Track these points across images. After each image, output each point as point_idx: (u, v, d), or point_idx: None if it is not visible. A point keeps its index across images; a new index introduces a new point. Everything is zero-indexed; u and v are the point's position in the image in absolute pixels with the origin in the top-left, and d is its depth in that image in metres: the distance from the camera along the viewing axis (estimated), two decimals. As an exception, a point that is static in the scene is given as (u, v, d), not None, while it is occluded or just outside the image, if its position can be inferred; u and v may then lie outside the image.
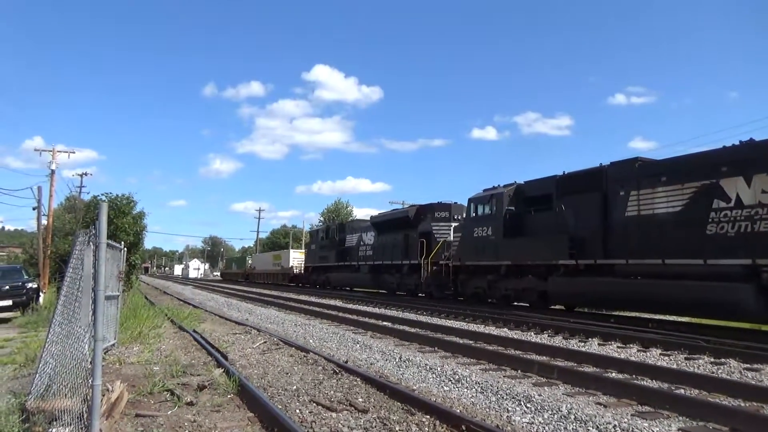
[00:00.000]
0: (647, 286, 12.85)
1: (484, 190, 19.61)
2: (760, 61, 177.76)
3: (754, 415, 5.26)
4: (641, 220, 13.32)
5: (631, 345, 10.31)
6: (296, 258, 46.24)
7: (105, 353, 8.05)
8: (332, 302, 23.02)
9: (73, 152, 31.78)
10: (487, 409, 5.78)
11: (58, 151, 30.16)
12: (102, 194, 26.30)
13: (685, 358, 8.92)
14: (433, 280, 22.68)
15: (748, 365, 8.17)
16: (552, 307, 16.93)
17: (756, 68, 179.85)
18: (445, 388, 6.91)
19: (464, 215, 22.75)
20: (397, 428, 4.87)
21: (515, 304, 18.19)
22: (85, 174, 39.62)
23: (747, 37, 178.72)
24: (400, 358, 8.95)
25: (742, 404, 5.94)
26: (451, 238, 21.75)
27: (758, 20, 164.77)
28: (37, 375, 5.55)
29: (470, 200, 20.02)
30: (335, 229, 35.80)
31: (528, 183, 18.05)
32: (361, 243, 30.98)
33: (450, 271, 20.77)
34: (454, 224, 22.79)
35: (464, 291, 20.60)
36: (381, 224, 28.82)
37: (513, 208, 18.05)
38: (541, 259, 16.23)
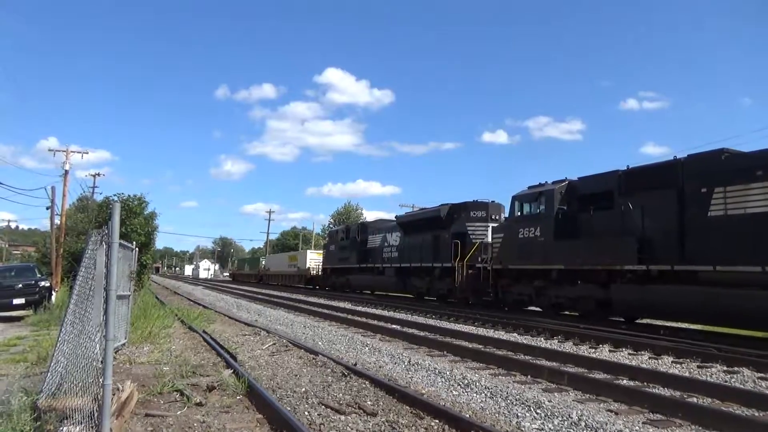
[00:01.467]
0: (742, 297, 11.13)
1: (529, 188, 18.08)
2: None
3: (768, 425, 5.19)
4: (730, 221, 11.64)
5: (643, 352, 10.21)
6: (314, 259, 44.39)
7: (116, 353, 8.09)
8: (341, 304, 23.02)
9: (87, 153, 32.09)
10: (497, 415, 5.75)
11: (72, 152, 30.51)
12: (114, 195, 26.56)
13: (698, 366, 8.82)
14: (468, 285, 20.79)
15: (762, 374, 8.07)
16: (612, 318, 15.16)
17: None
18: (454, 392, 6.87)
19: (499, 215, 22.04)
20: (405, 432, 4.85)
21: (565, 313, 16.55)
22: (98, 174, 40.04)
23: (761, 43, 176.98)
24: (409, 361, 8.93)
25: (756, 414, 5.85)
26: (489, 240, 20.38)
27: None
28: (49, 373, 5.59)
29: (515, 198, 18.39)
30: (357, 229, 33.71)
31: (582, 179, 16.43)
32: (386, 244, 29.15)
33: (489, 275, 19.00)
34: (491, 224, 21.30)
35: (506, 298, 18.76)
36: (408, 224, 26.95)
37: (564, 206, 16.45)
38: (602, 263, 14.45)
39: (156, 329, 11.60)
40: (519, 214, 18.11)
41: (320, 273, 40.37)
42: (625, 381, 7.50)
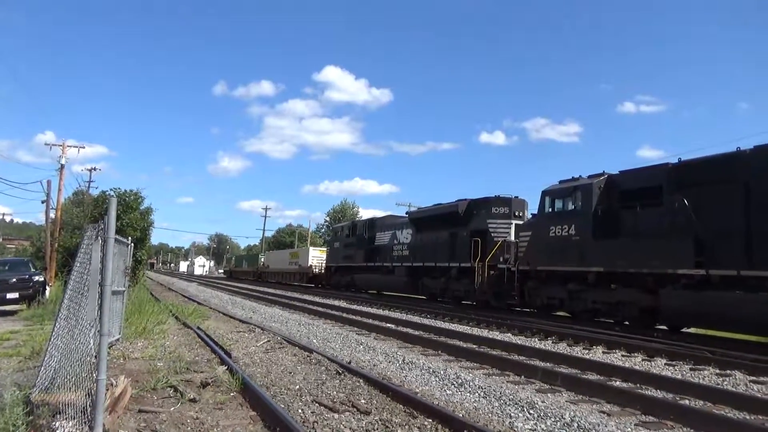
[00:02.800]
0: None
1: (561, 182, 16.70)
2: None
3: (759, 429, 5.22)
4: None
5: (636, 354, 10.25)
6: (316, 256, 42.80)
7: (110, 348, 8.08)
8: (336, 303, 23.02)
9: (83, 147, 31.90)
10: (490, 414, 5.76)
11: (68, 146, 30.37)
12: (110, 189, 26.46)
13: (690, 369, 8.86)
14: (489, 287, 19.39)
15: (754, 378, 8.12)
16: (659, 326, 13.87)
17: (767, 81, 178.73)
18: (448, 391, 6.89)
19: (523, 212, 20.71)
20: (398, 431, 4.86)
21: (600, 320, 15.10)
22: (95, 169, 39.88)
23: (758, 48, 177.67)
24: (403, 360, 8.94)
25: (748, 417, 5.89)
26: (512, 238, 19.37)
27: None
28: (42, 368, 5.58)
29: (545, 193, 16.90)
30: (364, 225, 31.78)
31: (624, 173, 15.03)
32: (395, 242, 27.37)
33: (515, 277, 17.62)
34: (515, 222, 20.17)
35: (533, 301, 17.27)
36: (421, 220, 25.21)
37: (603, 203, 15.04)
38: (650, 266, 13.06)
39: (150, 325, 11.59)
40: (550, 210, 16.61)
41: (323, 271, 39.18)
42: (618, 382, 7.53)
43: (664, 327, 13.77)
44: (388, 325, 14.28)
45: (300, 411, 5.47)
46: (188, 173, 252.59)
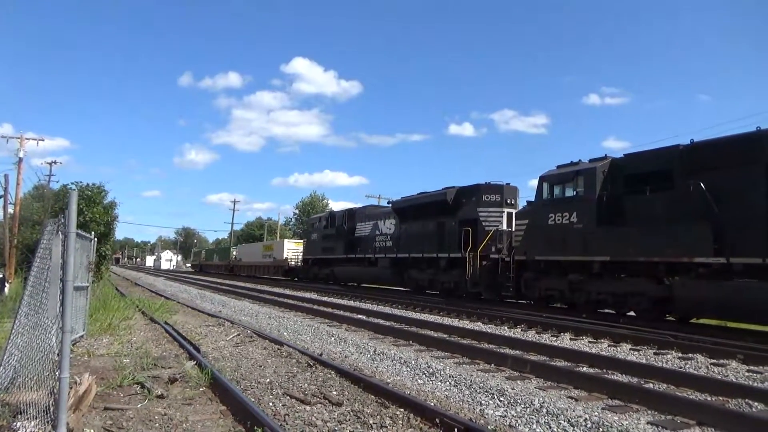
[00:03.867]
0: None
1: (559, 167, 15.88)
2: (730, 67, 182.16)
3: (719, 409, 5.39)
4: None
5: (603, 340, 10.49)
6: (291, 249, 41.78)
7: (73, 345, 7.88)
8: (307, 295, 22.92)
9: (42, 140, 31.07)
10: (461, 403, 5.82)
11: (27, 139, 29.43)
12: (72, 183, 25.74)
13: (654, 353, 9.11)
14: (482, 279, 18.62)
15: (715, 360, 8.40)
16: (669, 317, 13.16)
17: (726, 73, 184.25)
18: (419, 381, 6.93)
19: (515, 200, 19.96)
20: (371, 421, 4.87)
21: (604, 311, 14.43)
22: (55, 162, 38.75)
23: (718, 42, 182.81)
24: (375, 351, 8.96)
25: (709, 398, 6.08)
26: (504, 227, 18.68)
27: (729, 27, 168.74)
28: (1, 367, 5.39)
29: (543, 178, 16.00)
30: (343, 216, 30.45)
31: (630, 156, 14.18)
32: (378, 232, 26.37)
33: (510, 267, 16.81)
34: (507, 209, 19.42)
35: (530, 293, 16.52)
36: (406, 210, 24.29)
37: (607, 188, 14.22)
38: (662, 255, 12.29)
39: (116, 321, 11.34)
40: (548, 197, 15.74)
41: (299, 264, 38.16)
42: (585, 368, 7.69)
43: (672, 318, 13.20)
44: (360, 316, 14.29)
45: (271, 404, 5.43)
46: (154, 166, 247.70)
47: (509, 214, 19.22)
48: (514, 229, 17.69)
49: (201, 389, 6.02)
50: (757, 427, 4.84)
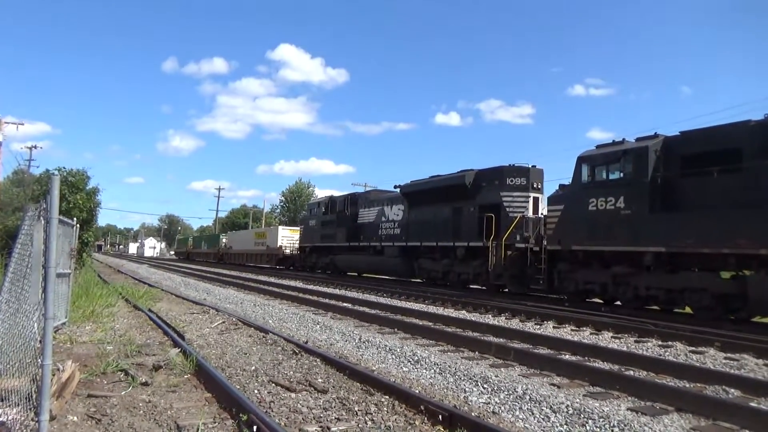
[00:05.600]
0: None
1: (599, 146, 14.38)
2: (712, 59, 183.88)
3: (697, 396, 5.51)
4: None
5: (585, 328, 10.63)
6: (286, 236, 39.80)
7: (55, 332, 7.81)
8: (293, 283, 22.89)
9: (22, 124, 30.57)
10: (445, 390, 5.87)
11: (6, 123, 28.87)
12: (54, 169, 25.33)
13: (635, 341, 9.26)
14: (506, 270, 17.04)
15: (693, 348, 8.56)
16: (736, 315, 11.59)
17: (707, 65, 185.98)
18: (404, 368, 6.98)
19: (541, 183, 18.42)
20: (356, 408, 4.89)
21: (650, 308, 13.15)
22: (35, 147, 38.13)
23: (701, 34, 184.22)
24: (360, 338, 8.99)
25: (687, 385, 6.21)
26: (530, 213, 17.28)
27: (711, 20, 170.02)
28: (-18, 354, 5.33)
29: (582, 159, 14.41)
30: (344, 201, 28.50)
31: (687, 134, 12.56)
32: (384, 219, 24.52)
33: (540, 258, 15.37)
34: (533, 194, 17.96)
35: (564, 286, 14.89)
36: (416, 195, 22.35)
37: (660, 170, 12.71)
38: (733, 246, 10.79)
39: (99, 308, 11.25)
40: (589, 179, 14.17)
41: (295, 252, 36.40)
42: (567, 356, 7.80)
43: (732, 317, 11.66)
44: (345, 304, 14.31)
45: (256, 391, 5.43)
46: (137, 152, 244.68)
47: (535, 199, 17.86)
48: (546, 215, 16.05)
49: (186, 377, 6.00)
50: (734, 413, 4.95)
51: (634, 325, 10.37)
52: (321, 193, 73.97)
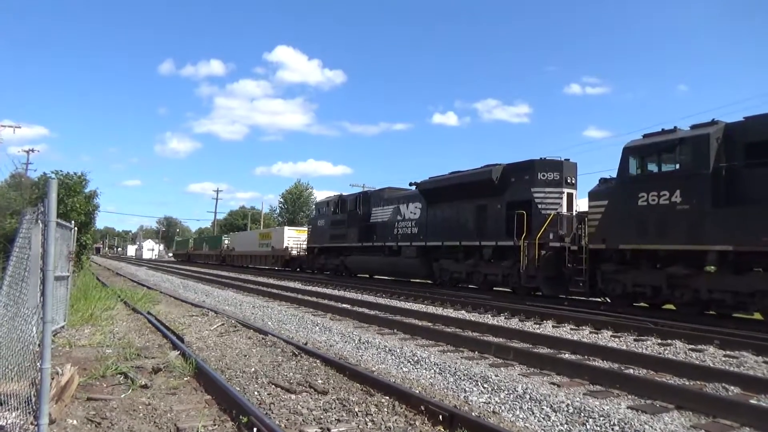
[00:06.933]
0: None
1: (646, 136, 13.16)
2: (708, 58, 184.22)
3: (697, 393, 5.51)
4: None
5: (584, 327, 10.63)
6: (293, 237, 38.26)
7: (54, 336, 7.79)
8: (291, 284, 22.87)
9: (19, 127, 30.57)
10: (445, 390, 5.87)
11: (3, 126, 28.84)
12: (52, 172, 25.27)
13: (635, 340, 9.26)
14: (540, 271, 15.87)
15: (693, 346, 8.57)
16: None
17: (703, 64, 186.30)
18: (404, 369, 6.97)
19: (575, 178, 17.17)
20: (356, 409, 4.89)
21: (710, 312, 12.00)
22: (32, 150, 38.09)
23: (696, 34, 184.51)
24: (360, 339, 8.98)
25: (687, 383, 6.21)
26: (564, 210, 16.27)
27: (707, 19, 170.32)
28: (-19, 358, 5.31)
29: (629, 150, 13.23)
30: (356, 199, 27.18)
31: (753, 120, 11.41)
32: (399, 217, 23.31)
33: (582, 258, 14.15)
34: (567, 190, 16.72)
35: (611, 289, 13.63)
36: (435, 192, 21.09)
37: (722, 160, 11.62)
38: None
39: (97, 311, 11.23)
40: (638, 171, 13.06)
41: (302, 253, 34.83)
42: (567, 355, 7.80)
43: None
44: (344, 305, 14.30)
45: (256, 393, 5.42)
46: (134, 155, 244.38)
47: (569, 195, 16.72)
48: (586, 211, 14.79)
49: (185, 379, 5.99)
50: (733, 410, 4.95)
51: (633, 323, 10.38)
52: (319, 194, 73.94)
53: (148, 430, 4.39)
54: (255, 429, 4.09)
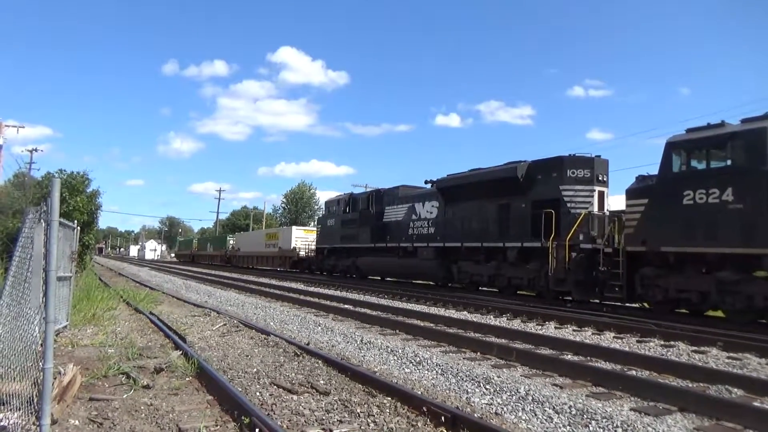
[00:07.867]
0: None
1: (690, 131, 12.26)
2: (710, 59, 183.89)
3: (700, 396, 5.49)
4: None
5: (586, 328, 10.61)
6: (300, 237, 37.51)
7: (57, 335, 7.80)
8: (293, 285, 22.89)
9: (23, 127, 30.60)
10: (447, 391, 5.86)
11: (7, 126, 28.92)
12: (56, 171, 25.33)
13: (637, 341, 9.24)
14: (570, 274, 14.90)
15: (696, 347, 8.54)
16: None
17: (706, 68, 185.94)
18: (406, 370, 6.96)
19: (606, 176, 16.26)
20: (358, 410, 4.88)
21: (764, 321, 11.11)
22: (36, 150, 38.19)
23: (699, 36, 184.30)
24: (362, 340, 8.97)
25: (690, 385, 6.19)
26: (595, 209, 15.35)
27: (710, 22, 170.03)
28: (-17, 358, 5.32)
29: (673, 145, 12.33)
30: (368, 198, 26.04)
31: None
32: (414, 217, 22.27)
33: (619, 261, 13.15)
34: (598, 188, 15.73)
35: (650, 294, 12.67)
36: (454, 190, 20.01)
37: None
38: None
39: (100, 311, 11.24)
40: (683, 168, 12.15)
41: (310, 254, 33.83)
42: (569, 356, 7.78)
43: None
44: (346, 306, 14.30)
45: (258, 394, 5.42)
46: (137, 155, 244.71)
47: (601, 194, 15.74)
48: (624, 211, 13.90)
49: (187, 379, 5.99)
50: (737, 413, 4.93)
51: (636, 325, 10.35)
52: (322, 194, 73.89)
53: (150, 431, 4.38)
54: (257, 430, 4.09)
